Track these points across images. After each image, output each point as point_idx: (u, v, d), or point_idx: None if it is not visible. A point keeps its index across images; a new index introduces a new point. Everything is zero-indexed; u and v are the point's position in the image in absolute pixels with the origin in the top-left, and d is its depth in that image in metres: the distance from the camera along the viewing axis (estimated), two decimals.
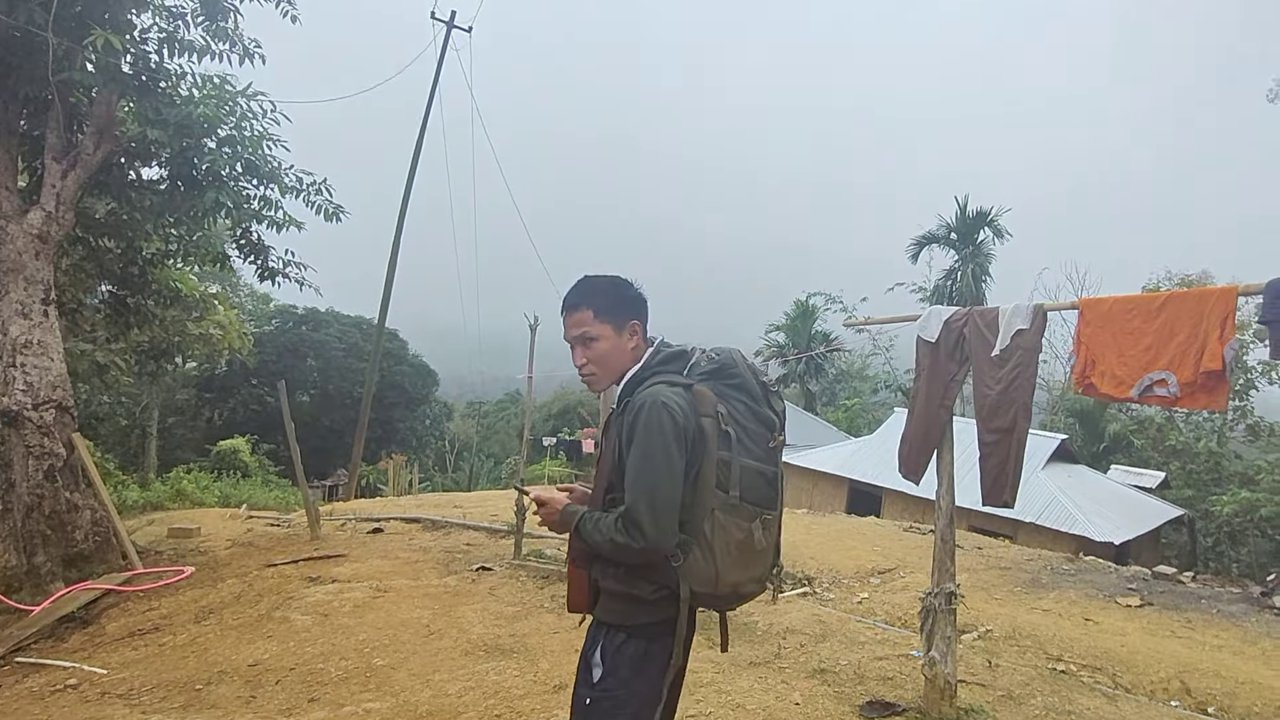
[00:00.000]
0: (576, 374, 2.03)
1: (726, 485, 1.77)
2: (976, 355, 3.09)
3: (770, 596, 2.04)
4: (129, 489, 16.85)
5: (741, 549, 1.80)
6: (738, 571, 1.80)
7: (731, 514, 1.77)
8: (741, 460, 1.79)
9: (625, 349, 1.93)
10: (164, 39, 6.65)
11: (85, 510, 6.81)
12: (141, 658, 4.57)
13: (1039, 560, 6.99)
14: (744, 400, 1.87)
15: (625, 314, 1.94)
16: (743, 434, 1.82)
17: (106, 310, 8.16)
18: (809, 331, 33.14)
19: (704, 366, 1.90)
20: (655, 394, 1.77)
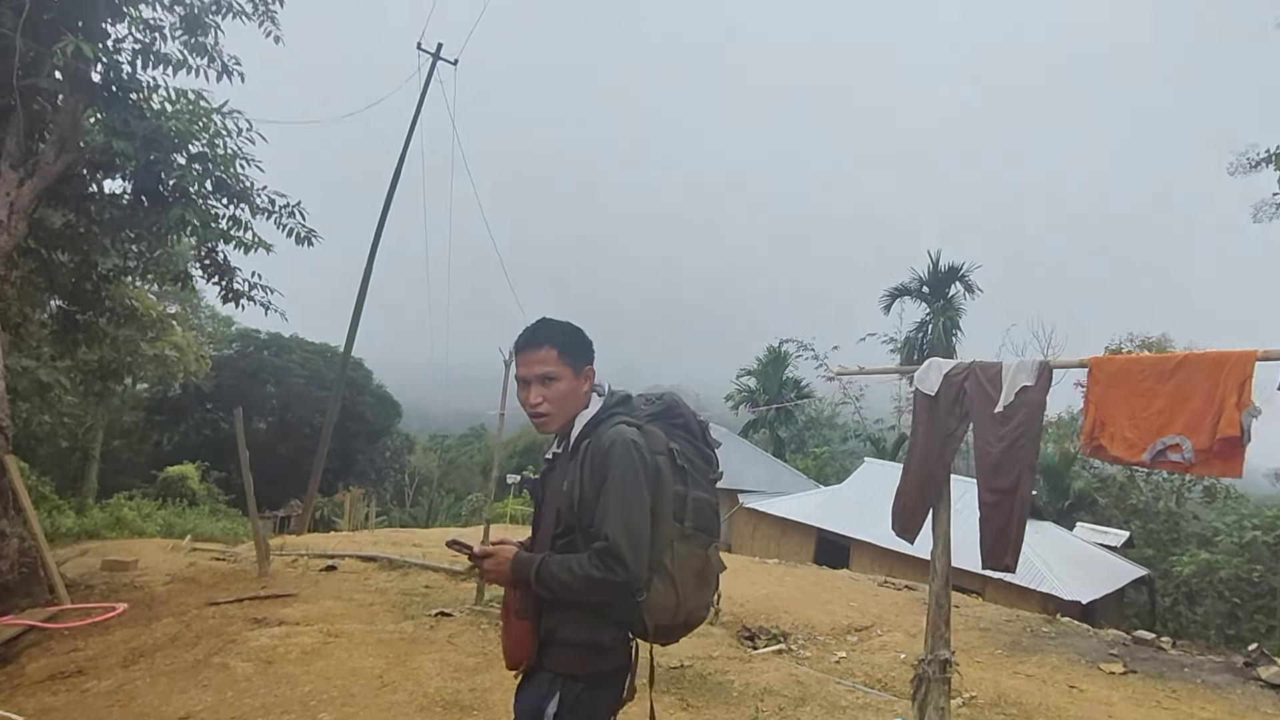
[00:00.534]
0: None
1: (682, 516, 1.86)
2: (978, 411, 2.98)
3: (715, 616, 2.09)
4: (64, 515, 15.98)
5: (699, 576, 1.90)
6: (695, 598, 1.89)
7: (688, 543, 1.86)
8: (694, 493, 1.90)
9: (579, 392, 1.96)
10: (139, 50, 6.45)
11: (13, 539, 6.33)
12: (62, 704, 4.16)
13: (1018, 621, 6.87)
14: (688, 439, 1.98)
15: (584, 358, 1.98)
16: (693, 469, 1.93)
17: (54, 326, 7.76)
18: (780, 378, 33.30)
19: (647, 409, 1.99)
20: (622, 433, 1.83)
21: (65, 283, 7.54)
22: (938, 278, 27.07)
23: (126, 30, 6.45)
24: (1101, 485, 22.22)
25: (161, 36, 6.54)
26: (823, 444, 37.14)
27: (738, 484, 23.97)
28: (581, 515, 1.82)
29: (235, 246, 7.46)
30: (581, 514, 1.81)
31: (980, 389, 2.98)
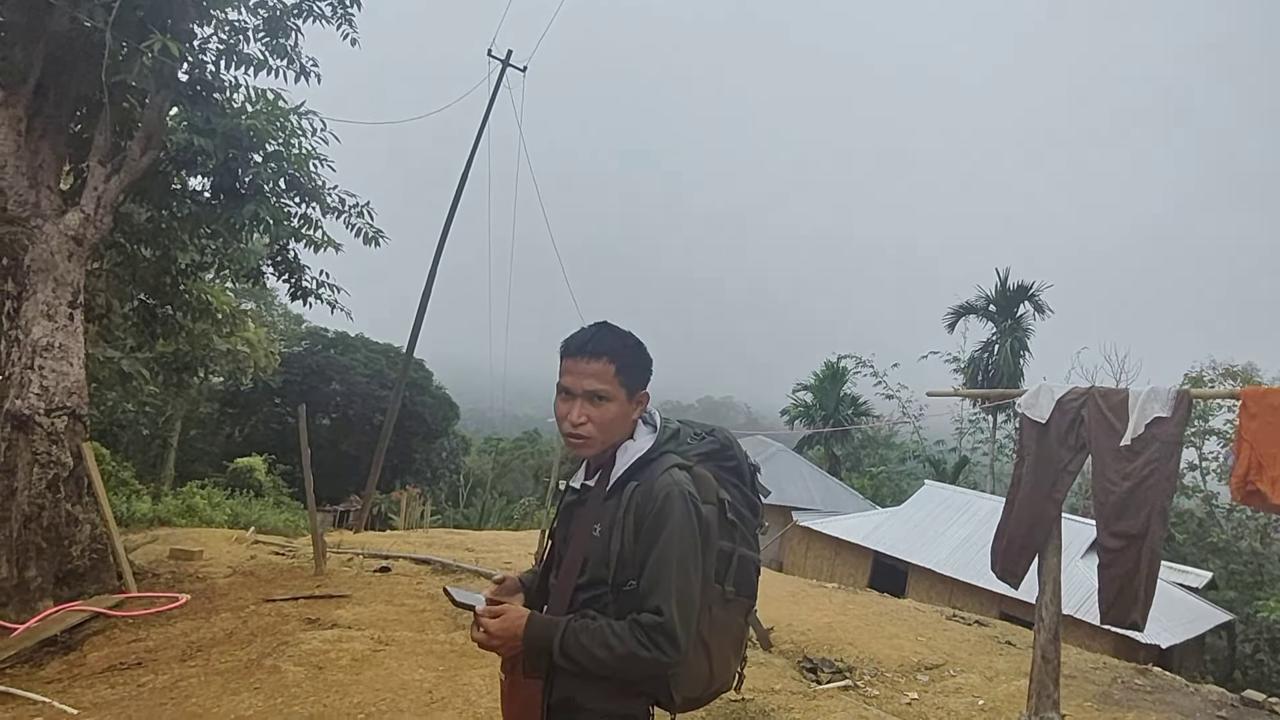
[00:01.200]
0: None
1: (724, 579, 1.63)
2: (1098, 444, 2.65)
3: (737, 686, 1.81)
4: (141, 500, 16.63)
5: (735, 645, 1.69)
6: (728, 668, 1.68)
7: (728, 609, 1.64)
8: (741, 551, 1.67)
9: (629, 419, 1.69)
10: (222, 50, 6.58)
11: (85, 524, 6.48)
12: (117, 699, 4.16)
13: (1105, 669, 6.34)
14: (739, 486, 1.75)
15: (642, 380, 1.71)
16: (740, 522, 1.69)
17: (135, 319, 7.99)
18: (838, 394, 32.57)
19: (699, 447, 1.74)
20: (679, 483, 1.58)
21: (147, 276, 7.76)
22: (1006, 296, 26.04)
23: (212, 31, 6.59)
24: (1179, 520, 20.88)
25: (244, 38, 6.66)
26: (879, 463, 36.16)
27: (791, 500, 23.43)
28: (619, 571, 1.56)
29: (306, 245, 7.57)
30: (619, 570, 1.56)
31: (1101, 419, 2.64)
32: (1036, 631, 2.89)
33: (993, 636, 7.38)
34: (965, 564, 16.18)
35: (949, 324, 27.66)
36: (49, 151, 6.40)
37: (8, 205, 6.08)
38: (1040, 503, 2.85)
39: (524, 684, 1.61)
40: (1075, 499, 25.84)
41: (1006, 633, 7.73)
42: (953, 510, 18.71)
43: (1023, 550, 2.93)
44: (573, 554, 1.62)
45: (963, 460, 31.34)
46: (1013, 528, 2.94)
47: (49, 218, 6.24)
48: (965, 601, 14.70)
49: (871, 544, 18.83)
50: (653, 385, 1.77)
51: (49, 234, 6.20)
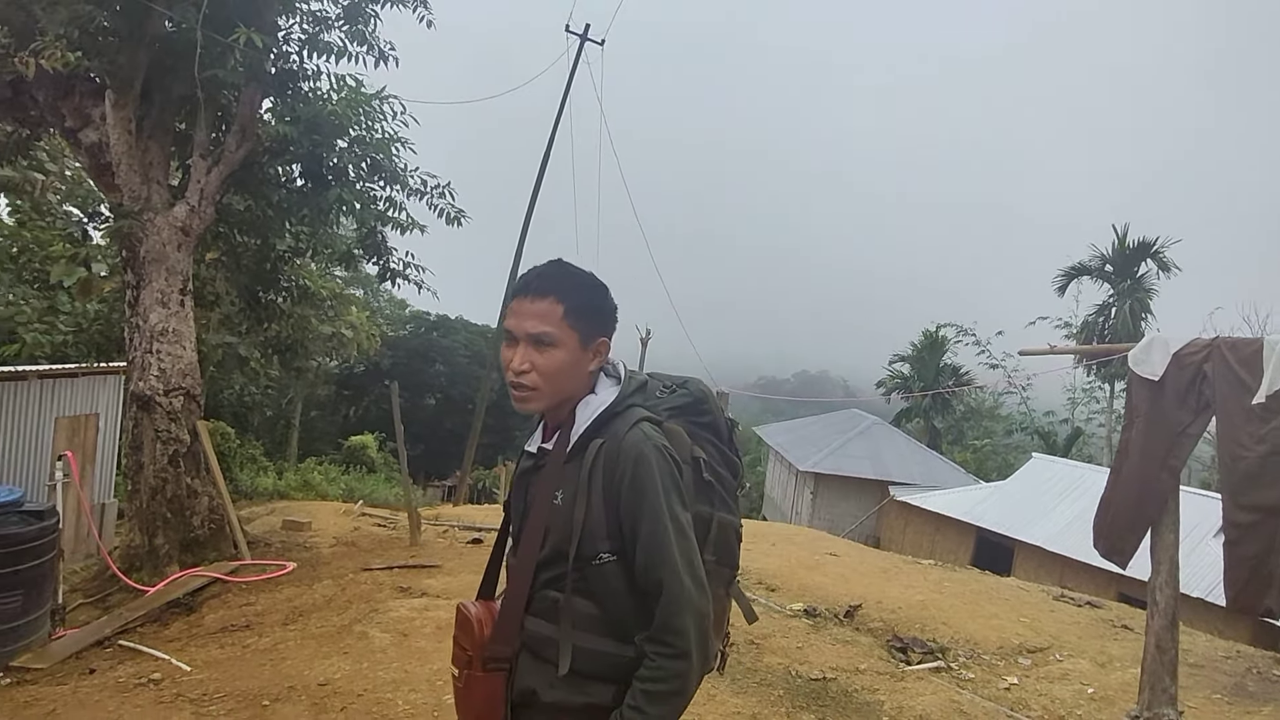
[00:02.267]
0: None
1: (703, 547, 1.43)
2: (1225, 403, 2.30)
3: (719, 667, 1.62)
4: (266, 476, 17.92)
5: (717, 622, 1.49)
6: (710, 647, 1.44)
7: (709, 582, 1.40)
8: (720, 515, 1.49)
9: (583, 369, 1.47)
10: (305, 40, 6.80)
11: (203, 496, 6.98)
12: (225, 658, 4.45)
13: (1239, 659, 5.74)
14: (714, 443, 1.54)
15: (598, 326, 1.48)
16: (718, 483, 1.50)
17: (241, 304, 8.49)
18: (937, 364, 31.15)
19: (669, 400, 1.54)
20: (649, 436, 1.39)
21: (249, 264, 8.21)
22: (1124, 255, 23.92)
23: (294, 22, 6.82)
24: None
25: (325, 26, 6.85)
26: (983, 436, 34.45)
27: (887, 475, 22.67)
28: (585, 543, 1.37)
29: (392, 227, 7.79)
30: (585, 541, 1.37)
31: (1228, 373, 2.29)
32: (1150, 617, 2.57)
33: (1106, 619, 6.84)
34: (1079, 542, 15.15)
35: (1059, 287, 25.75)
36: (157, 149, 6.83)
37: (123, 200, 6.54)
38: (1153, 472, 2.52)
39: (482, 679, 1.44)
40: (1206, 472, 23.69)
41: (1123, 616, 7.15)
42: (1064, 485, 17.55)
43: (1131, 526, 2.61)
44: (532, 526, 1.44)
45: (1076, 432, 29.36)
46: (1119, 500, 2.62)
47: (159, 211, 6.67)
48: (1078, 582, 13.80)
49: (974, 520, 17.96)
50: (749, 360, 1.61)
51: (160, 226, 6.64)
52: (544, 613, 1.42)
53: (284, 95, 6.79)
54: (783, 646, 4.94)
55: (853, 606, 6.18)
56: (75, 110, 6.57)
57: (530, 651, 1.43)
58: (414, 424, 23.32)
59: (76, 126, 6.62)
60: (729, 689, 4.11)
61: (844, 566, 8.11)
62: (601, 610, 1.39)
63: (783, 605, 6.09)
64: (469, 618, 1.48)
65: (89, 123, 6.58)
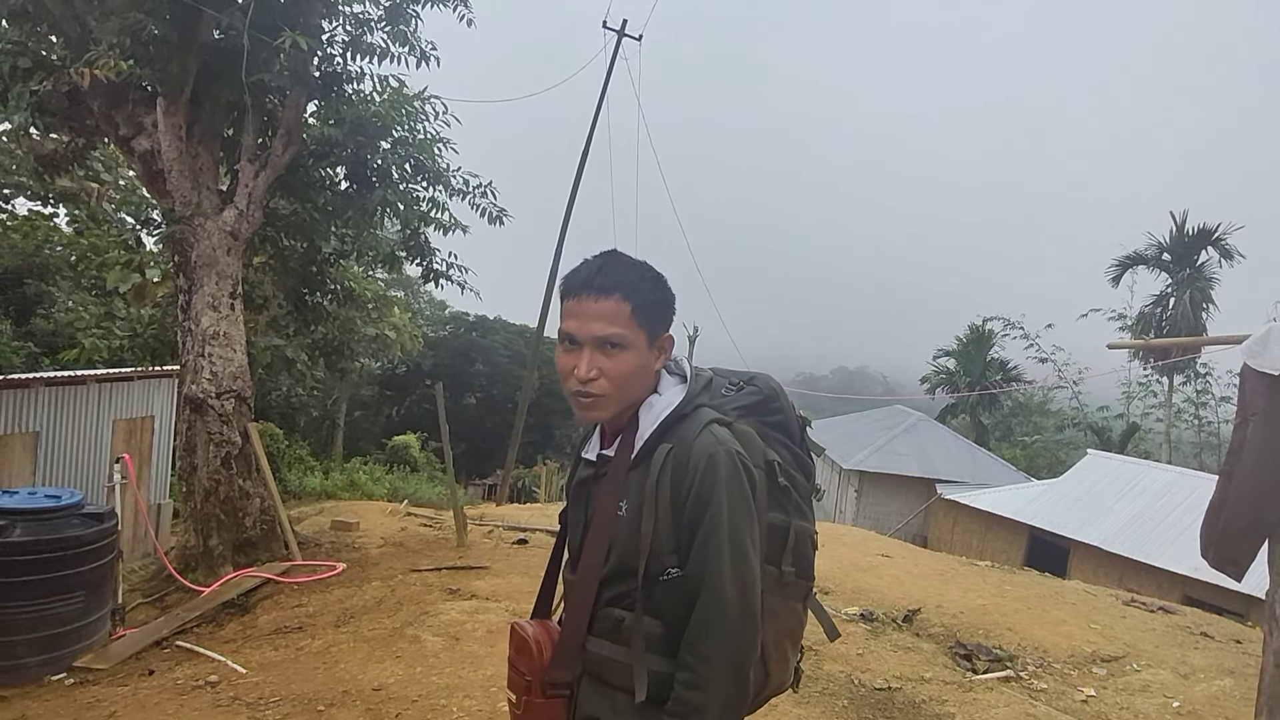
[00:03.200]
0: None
1: (779, 558, 1.34)
2: None
3: (794, 686, 1.52)
4: (313, 476, 18.25)
5: (793, 639, 1.41)
6: (783, 669, 1.39)
7: (785, 595, 1.35)
8: (796, 523, 1.36)
9: (650, 370, 1.36)
10: (349, 42, 6.82)
11: (255, 498, 7.06)
12: (280, 660, 4.45)
13: None
14: (786, 443, 1.42)
15: (665, 320, 1.37)
16: (793, 489, 1.37)
17: (288, 307, 8.58)
18: (984, 359, 30.35)
19: (737, 400, 1.41)
20: (720, 440, 1.27)
21: (296, 266, 8.29)
22: (1183, 243, 22.96)
23: (338, 24, 6.84)
24: None
25: (368, 28, 6.86)
26: (1033, 432, 33.46)
27: (934, 472, 22.16)
28: (653, 559, 1.26)
29: (435, 228, 7.79)
30: (654, 558, 1.26)
31: None
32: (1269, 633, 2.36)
33: (1183, 626, 6.51)
34: (1139, 542, 14.60)
35: (1113, 277, 24.85)
36: (206, 155, 6.91)
37: (175, 206, 6.63)
38: (1274, 474, 2.30)
39: (543, 706, 1.34)
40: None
41: (1200, 622, 6.79)
42: (1122, 482, 16.91)
43: (1247, 534, 2.39)
44: (594, 540, 1.32)
45: (1132, 427, 28.35)
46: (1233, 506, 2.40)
47: (209, 215, 6.75)
48: (1140, 583, 13.28)
49: (1027, 519, 17.41)
50: (787, 356, 1.48)
51: (210, 230, 6.72)
52: (608, 633, 1.31)
53: (328, 98, 6.82)
54: (842, 653, 4.77)
55: (911, 611, 5.97)
56: (128, 119, 6.68)
57: (593, 676, 1.33)
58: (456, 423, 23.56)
59: (130, 135, 6.73)
60: (790, 699, 3.96)
61: (898, 568, 7.88)
62: (669, 631, 1.27)
63: (837, 609, 5.91)
64: (526, 639, 1.37)
65: (141, 130, 6.69)
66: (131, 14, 5.86)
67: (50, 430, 8.06)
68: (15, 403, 7.65)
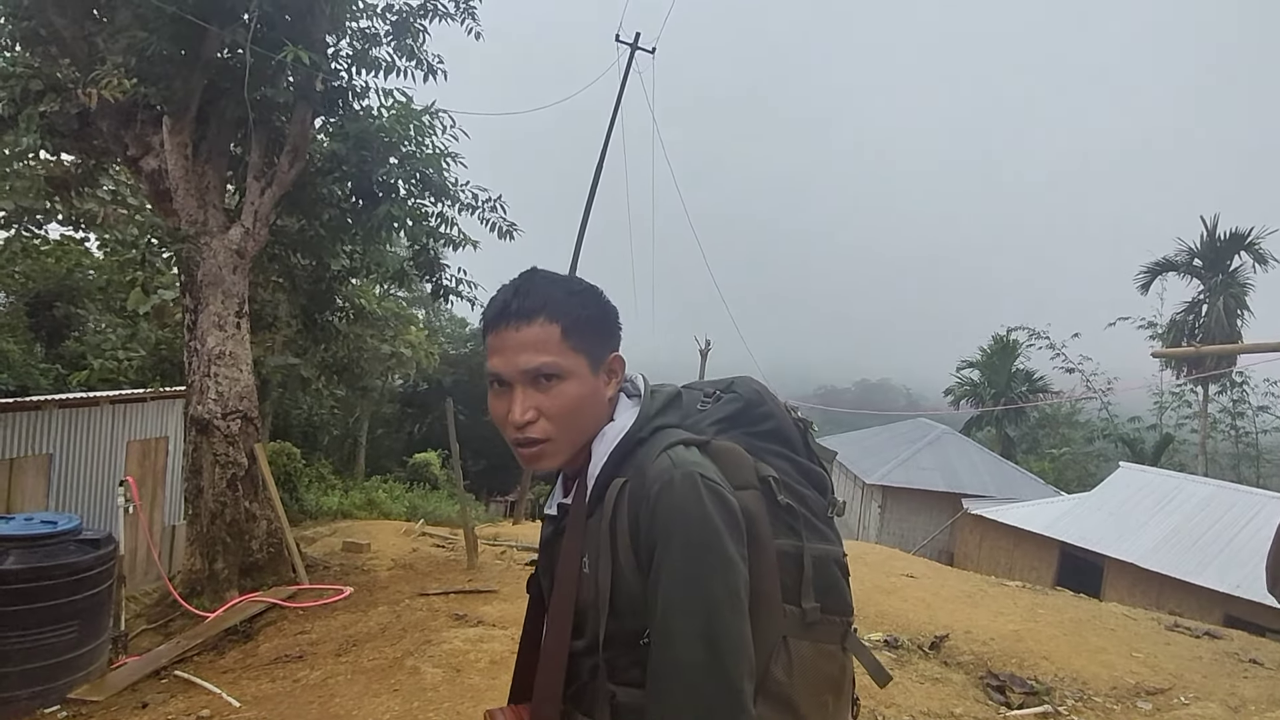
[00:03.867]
0: None
1: (798, 594, 1.10)
2: None
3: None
4: (330, 495, 18.20)
5: (835, 688, 1.13)
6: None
7: (812, 635, 1.10)
8: (812, 547, 1.12)
9: (601, 398, 1.15)
10: (354, 57, 6.75)
11: (262, 520, 6.94)
12: (275, 693, 4.28)
13: None
14: (785, 454, 1.18)
15: (608, 338, 1.16)
16: (804, 508, 1.14)
17: (298, 325, 8.51)
18: (1009, 370, 29.74)
19: (715, 412, 1.19)
20: (678, 461, 1.05)
21: (305, 284, 8.22)
22: (1215, 248, 22.37)
23: (344, 40, 6.78)
24: None
25: (374, 43, 6.80)
26: (1061, 444, 32.66)
27: (960, 487, 21.64)
28: (629, 617, 1.05)
29: (444, 244, 7.68)
30: (629, 615, 1.05)
31: None
32: None
33: (1230, 653, 6.12)
34: (1178, 559, 14.04)
35: (1142, 284, 24.26)
36: (213, 173, 6.86)
37: (181, 225, 6.58)
38: None
39: None
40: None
41: (1249, 647, 6.40)
42: (1157, 496, 16.33)
43: None
44: (559, 605, 1.10)
45: (1166, 438, 27.55)
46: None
47: (215, 234, 6.69)
48: (1180, 602, 12.75)
49: (1057, 534, 16.86)
50: (808, 369, 1.25)
51: (216, 249, 6.65)
52: (598, 710, 1.10)
53: (334, 113, 6.75)
54: (864, 685, 4.44)
55: (939, 637, 5.66)
56: (136, 138, 6.66)
57: None
58: (475, 440, 23.47)
59: (138, 154, 6.70)
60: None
61: (924, 590, 7.55)
62: None
63: (861, 635, 5.63)
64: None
65: (149, 150, 6.66)
66: (137, 33, 5.83)
67: (63, 452, 8.02)
68: (29, 424, 7.61)
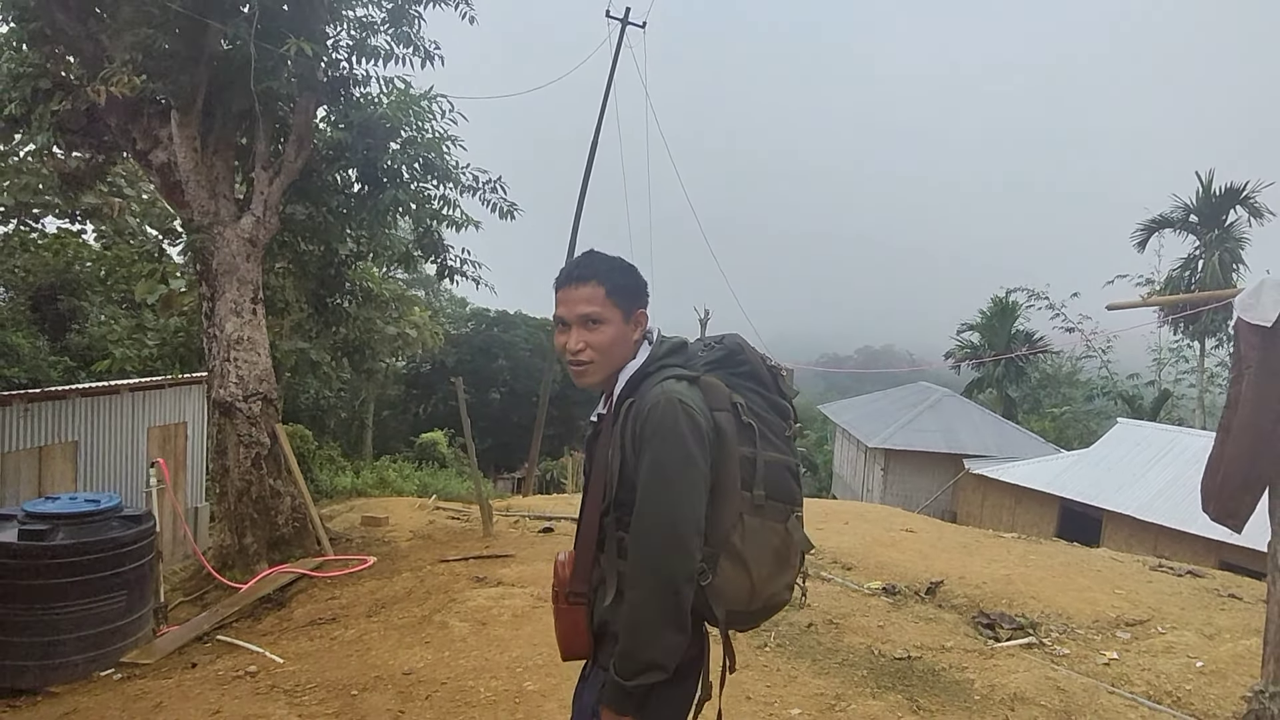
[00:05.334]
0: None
1: (752, 484, 1.58)
2: None
3: (801, 597, 1.82)
4: (344, 475, 18.57)
5: (777, 554, 1.61)
6: (774, 580, 1.62)
7: (761, 515, 1.59)
8: (765, 454, 1.60)
9: (629, 340, 1.69)
10: (352, 46, 6.92)
11: (286, 496, 7.25)
12: (314, 650, 4.61)
13: None
14: (757, 389, 1.67)
15: (637, 299, 1.71)
16: (763, 426, 1.62)
17: (309, 310, 8.77)
18: (1009, 331, 29.88)
19: (707, 356, 1.69)
20: (666, 390, 1.55)
21: (314, 269, 8.46)
22: (1210, 204, 22.42)
23: (342, 29, 6.94)
24: None
25: (372, 31, 6.96)
26: (1062, 403, 32.94)
27: (961, 448, 21.98)
28: (620, 489, 1.58)
29: (447, 225, 7.90)
30: (620, 488, 1.58)
31: None
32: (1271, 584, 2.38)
33: (1210, 589, 6.45)
34: (1173, 509, 14.39)
35: (1139, 242, 24.36)
36: (222, 165, 7.07)
37: (194, 216, 6.81)
38: (1268, 426, 2.30)
39: (567, 610, 1.65)
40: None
41: (1229, 584, 6.73)
42: (1154, 450, 16.66)
43: (1245, 486, 2.39)
44: (594, 484, 1.65)
45: (1163, 394, 27.82)
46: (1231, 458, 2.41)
47: (227, 224, 6.92)
48: (1175, 551, 13.11)
49: (1057, 490, 17.24)
50: (810, 338, 1.59)
51: (229, 238, 6.89)
52: (608, 546, 1.62)
53: (336, 102, 6.93)
54: (863, 626, 4.82)
55: (934, 583, 5.99)
56: (144, 132, 6.86)
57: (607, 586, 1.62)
58: (481, 418, 23.77)
59: (146, 148, 6.91)
60: (810, 670, 4.03)
61: (921, 542, 7.89)
62: None
63: (860, 584, 5.95)
64: (558, 563, 1.70)
65: (158, 144, 6.87)
66: (142, 29, 6.01)
67: (88, 439, 8.34)
68: (55, 414, 7.93)
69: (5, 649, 4.54)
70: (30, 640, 4.53)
